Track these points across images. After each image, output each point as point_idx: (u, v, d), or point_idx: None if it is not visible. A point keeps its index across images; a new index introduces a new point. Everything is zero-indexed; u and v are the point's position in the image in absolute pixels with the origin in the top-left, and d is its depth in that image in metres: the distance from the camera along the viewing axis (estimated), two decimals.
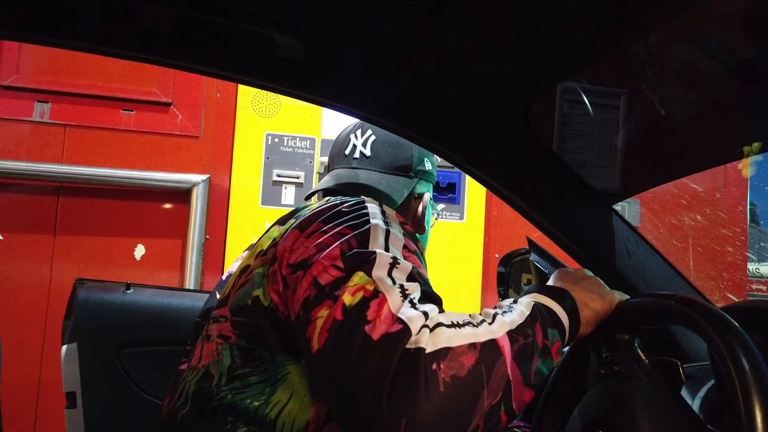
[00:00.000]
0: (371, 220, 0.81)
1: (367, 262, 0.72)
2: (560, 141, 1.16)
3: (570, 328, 0.77)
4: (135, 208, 2.32)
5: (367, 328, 0.64)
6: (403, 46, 0.83)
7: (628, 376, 0.77)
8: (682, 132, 1.19)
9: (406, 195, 1.16)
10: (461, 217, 2.61)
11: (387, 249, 0.76)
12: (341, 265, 0.73)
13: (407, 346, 0.62)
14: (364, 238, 0.77)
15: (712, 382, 0.93)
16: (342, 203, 0.87)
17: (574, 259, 1.16)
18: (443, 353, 0.62)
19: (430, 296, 0.71)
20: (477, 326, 0.68)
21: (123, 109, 2.32)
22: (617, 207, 1.17)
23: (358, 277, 0.70)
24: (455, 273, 2.57)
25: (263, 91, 2.41)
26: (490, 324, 0.69)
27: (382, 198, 1.11)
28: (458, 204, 2.60)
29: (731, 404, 0.62)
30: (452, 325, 0.66)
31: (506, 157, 1.08)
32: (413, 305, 0.67)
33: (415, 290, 0.70)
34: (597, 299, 0.83)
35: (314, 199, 1.20)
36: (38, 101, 2.25)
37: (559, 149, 1.15)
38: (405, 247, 0.80)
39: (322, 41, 0.84)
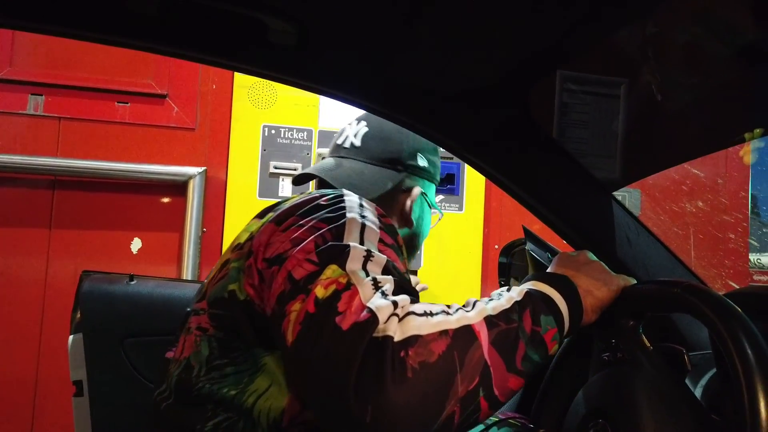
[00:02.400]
0: (347, 214, 0.81)
1: (341, 255, 0.72)
2: (560, 129, 1.15)
3: (571, 316, 0.76)
4: (131, 201, 2.30)
5: (337, 319, 0.64)
6: (400, 32, 0.82)
7: (632, 363, 0.77)
8: (683, 117, 1.18)
9: (389, 187, 1.14)
10: (460, 209, 2.59)
11: (362, 243, 0.76)
12: (315, 259, 0.73)
13: (375, 334, 0.63)
14: (339, 232, 0.77)
15: (714, 370, 0.92)
16: (321, 196, 0.87)
17: (573, 248, 1.15)
18: (412, 341, 0.63)
19: (403, 288, 0.71)
20: (451, 314, 0.68)
21: (118, 102, 2.30)
22: (618, 195, 1.15)
23: (331, 271, 0.70)
24: (455, 264, 2.56)
25: (259, 82, 2.39)
26: (467, 311, 0.70)
27: (361, 188, 1.09)
28: (457, 195, 2.59)
29: (734, 391, 0.61)
30: (424, 314, 0.66)
31: (505, 146, 1.06)
32: (384, 295, 0.67)
33: (387, 282, 0.70)
34: (602, 286, 0.82)
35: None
36: (32, 94, 2.23)
37: (559, 137, 1.13)
38: (381, 240, 0.80)
39: (316, 26, 0.83)
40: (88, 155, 2.25)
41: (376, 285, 0.68)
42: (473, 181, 2.59)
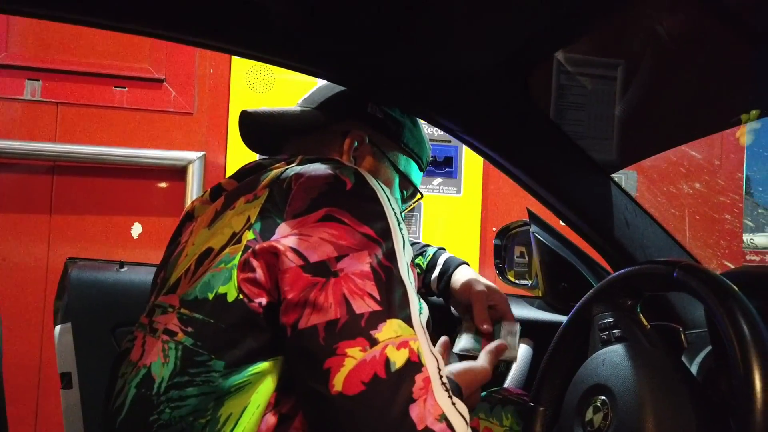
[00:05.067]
0: (388, 216, 0.73)
1: (403, 300, 0.68)
2: (559, 111, 1.16)
3: None
4: (131, 186, 2.30)
5: (411, 408, 0.62)
6: (398, 13, 0.82)
7: (630, 342, 0.78)
8: (680, 99, 1.19)
9: (314, 123, 0.98)
10: (458, 191, 2.60)
11: (407, 267, 0.72)
12: (377, 294, 0.66)
13: None
14: (390, 250, 0.70)
15: (709, 348, 0.94)
16: (340, 179, 0.74)
17: (572, 229, 1.17)
18: None
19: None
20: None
21: (115, 86, 2.29)
22: (614, 177, 1.16)
23: (399, 326, 0.66)
24: (453, 247, 2.56)
25: (257, 66, 2.38)
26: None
27: (286, 128, 0.99)
28: (455, 178, 2.60)
29: (730, 368, 0.63)
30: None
31: (504, 127, 1.07)
32: (450, 398, 0.66)
33: (441, 361, 0.69)
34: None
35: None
36: (29, 79, 2.22)
37: (558, 119, 1.14)
38: (412, 260, 0.76)
39: (314, 8, 0.83)
40: (86, 140, 2.24)
41: (440, 374, 0.67)
42: (471, 164, 2.59)
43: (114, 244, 2.27)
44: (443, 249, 1.28)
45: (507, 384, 1.32)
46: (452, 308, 1.22)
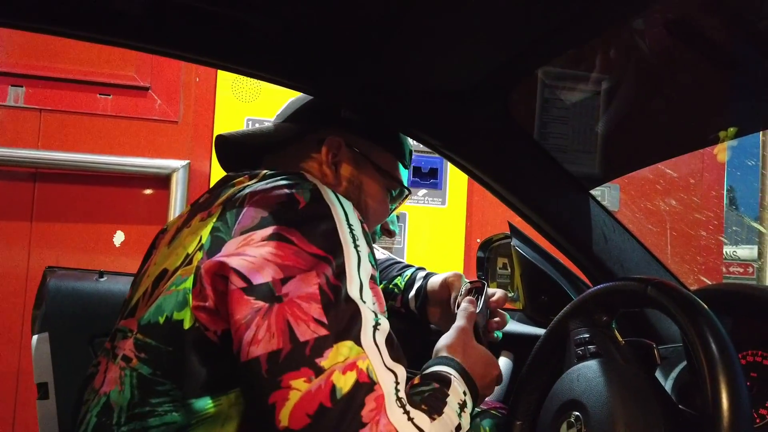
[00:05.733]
0: (340, 235, 0.70)
1: (353, 322, 0.65)
2: (539, 127, 1.17)
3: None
4: (114, 195, 2.29)
5: None
6: (381, 32, 0.83)
7: (605, 358, 0.79)
8: (659, 117, 1.21)
9: (288, 136, 0.96)
10: (443, 203, 2.62)
11: (360, 283, 0.69)
12: (323, 319, 0.63)
13: None
14: (339, 269, 0.67)
15: (684, 363, 0.95)
16: (294, 197, 0.72)
17: (551, 244, 1.18)
18: None
19: (400, 358, 0.69)
20: None
21: (100, 94, 2.28)
22: (596, 192, 1.18)
23: (348, 348, 0.63)
24: (437, 258, 2.58)
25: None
26: (461, 425, 0.72)
27: (264, 146, 0.98)
28: (440, 189, 2.61)
29: (700, 386, 0.64)
30: None
31: (485, 143, 1.08)
32: (407, 413, 0.64)
33: (400, 373, 0.67)
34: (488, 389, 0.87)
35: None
36: (12, 85, 2.20)
37: (539, 135, 1.16)
38: (371, 277, 0.72)
39: (298, 26, 0.83)
40: (69, 147, 2.23)
41: (397, 388, 0.65)
42: (456, 175, 2.61)
43: (96, 253, 2.24)
44: (423, 269, 1.27)
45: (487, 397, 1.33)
46: (432, 325, 1.23)
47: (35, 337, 1.20)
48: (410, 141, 1.08)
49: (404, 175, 1.05)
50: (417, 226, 2.57)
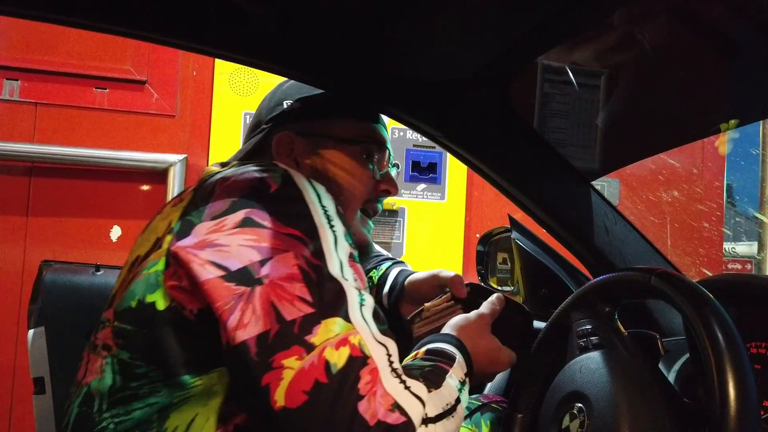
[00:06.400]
0: (314, 216, 0.69)
1: (339, 299, 0.64)
2: (540, 118, 1.16)
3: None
4: (110, 189, 2.27)
5: (360, 405, 0.59)
6: (379, 20, 0.82)
7: (608, 349, 0.78)
8: (661, 108, 1.20)
9: (249, 149, 0.96)
10: (442, 197, 2.61)
11: (340, 262, 0.67)
12: (307, 295, 0.63)
13: None
14: (317, 249, 0.66)
15: (687, 355, 0.94)
16: (264, 181, 0.71)
17: (552, 236, 1.17)
18: None
19: (388, 332, 0.68)
20: (453, 413, 0.70)
21: (96, 87, 2.26)
22: (597, 184, 1.17)
23: (337, 325, 0.62)
24: (436, 253, 2.57)
25: (241, 69, 2.37)
26: (456, 407, 0.72)
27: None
28: (439, 184, 2.60)
29: (705, 376, 0.63)
30: (442, 415, 0.67)
31: (485, 134, 1.07)
32: (404, 383, 0.64)
33: (392, 347, 0.66)
34: (493, 368, 0.89)
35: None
36: (7, 79, 2.19)
37: (539, 126, 1.15)
38: (350, 255, 0.71)
39: (295, 13, 0.82)
40: (65, 142, 2.21)
41: (390, 360, 0.64)
42: (455, 170, 2.60)
43: (93, 247, 2.23)
44: (400, 262, 1.23)
45: (486, 390, 1.32)
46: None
47: (31, 332, 1.19)
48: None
49: (375, 131, 0.98)
50: (416, 221, 2.56)
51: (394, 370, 0.64)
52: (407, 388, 0.64)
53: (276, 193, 0.70)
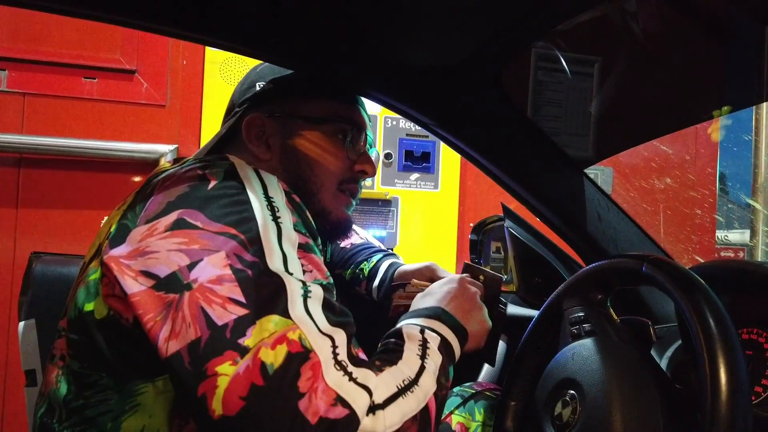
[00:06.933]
0: (254, 207, 0.66)
1: (277, 295, 0.61)
2: (533, 105, 1.15)
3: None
4: (100, 180, 2.25)
5: (301, 404, 0.56)
6: (367, 4, 0.80)
7: (600, 336, 0.78)
8: (653, 94, 1.19)
9: (222, 134, 0.93)
10: (436, 187, 2.60)
11: (284, 256, 0.64)
12: (241, 297, 0.59)
13: None
14: (255, 243, 0.63)
15: (679, 342, 0.95)
16: (204, 177, 0.69)
17: (545, 223, 1.17)
18: None
19: (343, 321, 0.65)
20: (412, 388, 0.67)
21: (85, 77, 2.24)
22: (590, 172, 1.17)
23: (273, 323, 0.59)
24: (430, 242, 2.57)
25: (231, 58, 2.34)
26: (418, 379, 0.68)
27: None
28: (432, 173, 2.59)
29: (697, 362, 0.63)
30: (393, 398, 0.64)
31: (478, 122, 1.06)
32: (349, 374, 0.61)
33: (339, 337, 0.63)
34: (480, 338, 0.89)
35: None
36: None
37: (532, 114, 1.14)
38: (300, 246, 0.68)
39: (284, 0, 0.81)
40: (54, 132, 2.18)
41: (335, 353, 0.61)
42: (449, 159, 2.59)
43: (83, 239, 2.21)
44: (392, 255, 1.22)
45: (480, 378, 1.32)
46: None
47: (22, 324, 1.19)
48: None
49: (349, 110, 0.96)
50: (409, 210, 2.56)
51: (338, 362, 0.61)
52: (352, 379, 0.61)
53: (213, 190, 0.67)
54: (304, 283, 0.64)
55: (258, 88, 0.94)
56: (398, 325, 0.80)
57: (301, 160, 0.90)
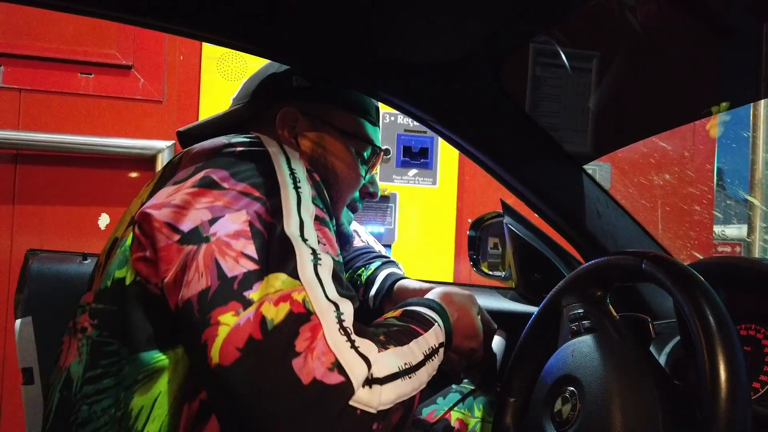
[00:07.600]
0: (278, 176, 0.68)
1: (287, 256, 0.62)
2: (532, 102, 1.15)
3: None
4: (98, 176, 2.24)
5: (295, 363, 0.55)
6: (367, 1, 0.80)
7: (599, 332, 0.78)
8: (652, 90, 1.19)
9: (244, 115, 0.95)
10: (434, 183, 2.60)
11: (301, 222, 0.66)
12: (254, 254, 0.61)
13: (351, 402, 0.57)
14: (275, 207, 0.65)
15: (678, 338, 0.95)
16: (231, 144, 0.72)
17: (544, 220, 1.17)
18: (385, 414, 0.61)
19: (349, 295, 0.66)
20: (412, 374, 0.68)
21: (81, 73, 2.23)
22: (588, 168, 1.17)
23: (280, 281, 0.60)
24: (428, 238, 2.57)
25: (229, 53, 2.34)
26: (419, 368, 0.70)
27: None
28: (431, 169, 2.59)
29: (696, 358, 0.63)
30: (397, 375, 0.64)
31: (476, 118, 1.06)
32: (352, 343, 0.60)
33: (346, 307, 0.63)
34: (473, 343, 0.93)
35: None
36: None
37: (531, 110, 1.14)
38: (316, 217, 0.69)
39: None
40: (51, 128, 2.17)
41: (340, 318, 0.60)
42: (447, 155, 2.59)
43: (80, 236, 2.21)
44: (391, 262, 1.22)
45: None
46: None
47: (18, 322, 1.18)
48: (374, 101, 1.04)
49: (373, 133, 1.00)
50: (408, 206, 2.55)
51: (343, 327, 0.61)
52: (354, 347, 0.60)
53: (239, 153, 0.70)
54: (315, 251, 0.65)
55: (295, 84, 0.95)
56: (415, 308, 0.81)
57: (329, 168, 0.93)
